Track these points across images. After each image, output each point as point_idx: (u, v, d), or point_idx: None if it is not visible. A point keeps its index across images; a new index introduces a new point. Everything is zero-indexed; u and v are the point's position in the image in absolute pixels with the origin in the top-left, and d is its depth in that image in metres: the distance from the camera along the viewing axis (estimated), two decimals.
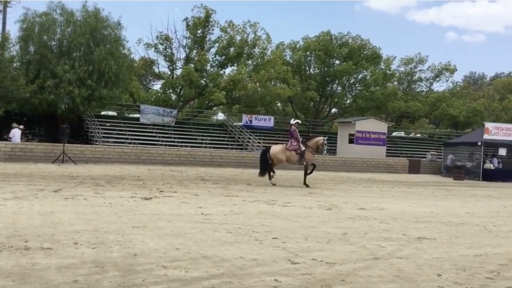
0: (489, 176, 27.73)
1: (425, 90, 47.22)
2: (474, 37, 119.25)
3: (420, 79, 46.88)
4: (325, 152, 16.95)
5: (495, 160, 29.09)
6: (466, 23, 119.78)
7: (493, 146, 29.33)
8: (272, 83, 37.25)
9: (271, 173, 16.56)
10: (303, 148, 16.47)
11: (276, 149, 16.78)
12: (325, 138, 17.66)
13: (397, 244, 6.76)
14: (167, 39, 34.52)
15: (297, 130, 16.90)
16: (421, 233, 7.77)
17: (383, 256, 5.95)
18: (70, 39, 26.61)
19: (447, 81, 47.52)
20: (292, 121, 17.66)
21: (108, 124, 30.53)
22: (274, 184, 16.11)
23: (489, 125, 29.54)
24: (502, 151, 28.95)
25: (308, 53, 40.62)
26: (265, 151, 16.81)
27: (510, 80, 51.32)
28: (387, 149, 34.90)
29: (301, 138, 17.00)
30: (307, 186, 16.14)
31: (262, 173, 16.57)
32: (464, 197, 15.63)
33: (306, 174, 16.67)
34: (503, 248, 6.85)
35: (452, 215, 10.30)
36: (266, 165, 16.52)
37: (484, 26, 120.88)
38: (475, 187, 21.87)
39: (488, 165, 28.59)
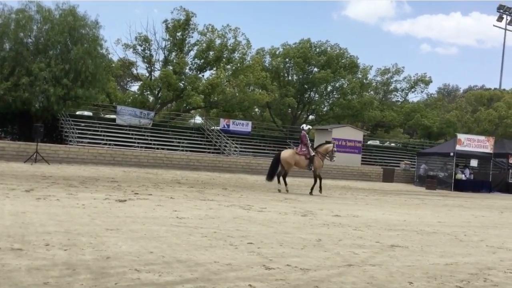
0: (461, 186, 28.29)
1: (400, 100, 48.00)
2: (447, 49, 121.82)
3: (396, 89, 47.64)
4: (334, 159, 17.10)
5: (467, 171, 29.70)
6: (439, 35, 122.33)
7: (465, 157, 29.95)
8: (250, 88, 37.33)
9: (285, 187, 16.45)
10: (313, 153, 16.56)
11: (286, 153, 16.96)
12: (335, 145, 17.79)
13: (370, 251, 6.83)
14: (146, 40, 34.32)
15: (307, 136, 17.06)
16: (394, 241, 7.88)
17: (357, 263, 6.00)
18: (47, 37, 26.20)
19: (422, 92, 48.43)
20: (304, 127, 17.87)
21: (83, 124, 30.11)
22: (279, 190, 16.15)
23: (461, 136, 30.17)
24: (474, 162, 29.58)
25: (287, 59, 40.87)
26: (277, 157, 16.84)
27: (482, 93, 52.46)
28: (362, 157, 35.29)
29: (310, 144, 17.13)
30: (311, 193, 16.27)
31: (269, 178, 16.63)
32: (436, 207, 15.90)
33: (320, 180, 16.64)
34: (473, 257, 6.98)
35: (424, 224, 10.47)
36: (275, 170, 16.57)
37: (457, 39, 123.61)
38: (447, 196, 22.27)
39: (460, 176, 29.17)
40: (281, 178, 16.60)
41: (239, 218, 9.15)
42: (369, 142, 44.05)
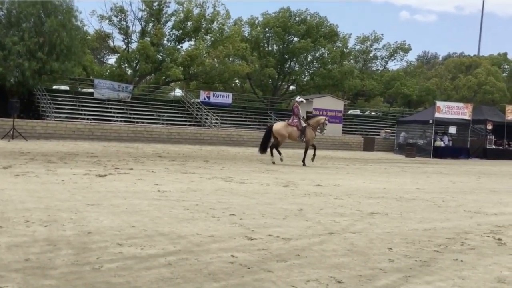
0: (440, 153, 28.76)
1: (380, 68, 48.10)
2: (426, 17, 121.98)
3: (376, 58, 47.65)
4: (324, 132, 17.27)
5: (446, 138, 30.15)
6: (418, 2, 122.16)
7: (443, 124, 30.35)
8: (230, 59, 36.96)
9: (280, 156, 16.58)
10: (304, 125, 16.66)
11: (278, 125, 17.00)
12: (327, 118, 17.94)
13: (350, 219, 6.93)
14: (121, 11, 33.54)
15: (299, 108, 17.07)
16: (374, 208, 8.00)
17: (337, 231, 6.09)
18: (20, 9, 25.39)
19: (401, 60, 48.54)
20: (297, 99, 17.97)
21: (60, 99, 29.57)
22: (274, 163, 16.26)
23: (440, 103, 30.49)
24: (452, 129, 30.03)
25: (267, 29, 40.44)
26: (269, 130, 16.93)
27: (462, 60, 52.85)
28: (343, 127, 35.52)
29: (302, 115, 17.26)
30: (304, 164, 16.40)
31: (262, 150, 16.69)
32: (415, 174, 16.16)
33: (306, 152, 16.84)
34: (451, 222, 7.14)
35: (404, 191, 10.64)
36: (267, 143, 16.66)
37: (436, 6, 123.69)
38: (426, 164, 22.64)
39: (439, 143, 29.62)
40: (274, 150, 16.69)
41: (221, 190, 9.18)
42: (349, 112, 44.28)
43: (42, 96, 28.18)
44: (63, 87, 34.29)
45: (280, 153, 16.64)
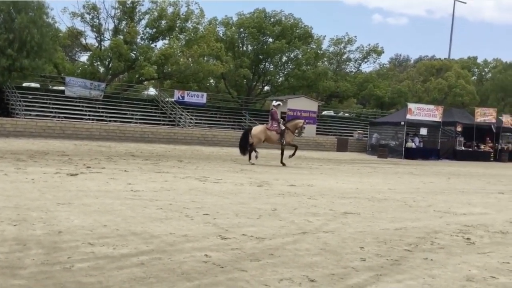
0: (411, 154, 29.25)
1: (353, 70, 48.63)
2: (398, 20, 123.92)
3: (349, 60, 48.16)
4: (302, 134, 17.75)
5: (417, 139, 30.68)
6: (390, 5, 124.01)
7: (415, 125, 30.88)
8: (205, 59, 36.80)
9: (255, 153, 16.89)
10: (283, 128, 16.98)
11: (257, 129, 17.27)
12: (305, 122, 18.36)
13: (324, 219, 6.99)
14: (94, 8, 33.03)
15: (278, 112, 17.49)
16: (347, 208, 8.09)
17: (311, 230, 6.14)
18: None
19: (374, 62, 49.15)
20: (274, 103, 18.20)
21: (30, 97, 28.92)
22: (253, 164, 16.39)
23: (411, 105, 31.01)
24: (423, 131, 30.58)
25: (241, 29, 40.43)
26: (247, 132, 17.22)
27: (432, 63, 53.88)
28: (317, 128, 35.76)
29: (281, 120, 17.64)
30: (283, 164, 16.67)
31: (242, 152, 16.97)
32: (387, 174, 16.40)
33: (282, 153, 17.16)
34: (422, 222, 7.28)
35: (376, 191, 10.79)
36: (246, 145, 16.87)
37: (407, 9, 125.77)
38: (398, 164, 22.99)
39: (410, 144, 30.11)
40: (253, 153, 16.92)
41: (194, 190, 9.14)
42: (323, 113, 44.63)
43: (12, 93, 27.54)
44: (33, 85, 33.60)
45: (250, 157, 16.86)
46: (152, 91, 40.75)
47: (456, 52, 77.69)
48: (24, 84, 32.00)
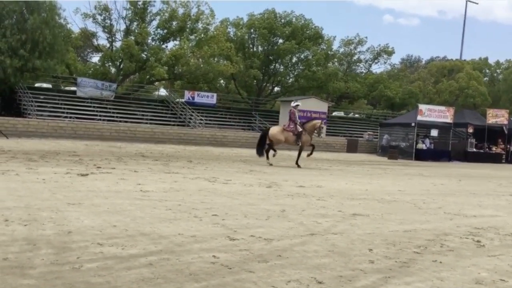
0: (421, 155, 29.07)
1: (364, 71, 48.41)
2: (410, 20, 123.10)
3: (360, 61, 47.94)
4: (322, 135, 17.58)
5: (427, 141, 30.50)
6: (402, 6, 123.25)
7: (425, 127, 30.70)
8: (215, 59, 36.88)
9: (274, 152, 16.96)
10: (300, 130, 16.90)
11: (275, 130, 17.37)
12: (323, 121, 18.16)
13: (332, 220, 6.98)
14: (106, 9, 33.24)
15: (296, 113, 17.32)
16: (356, 209, 8.06)
17: (319, 232, 6.13)
18: (2, 6, 25.03)
19: (385, 63, 48.84)
20: (293, 103, 18.11)
21: (42, 97, 29.17)
22: (271, 164, 16.40)
23: (422, 107, 30.83)
24: (434, 132, 30.39)
25: (252, 30, 40.45)
26: (265, 133, 17.32)
27: (444, 64, 53.47)
28: (327, 129, 35.62)
29: (299, 121, 17.48)
30: (298, 166, 16.55)
31: (260, 153, 17.00)
32: (397, 176, 16.32)
33: (299, 155, 17.08)
34: (431, 224, 7.23)
35: (385, 193, 10.74)
36: (263, 146, 16.96)
37: (419, 10, 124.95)
38: (408, 166, 22.86)
39: (421, 145, 29.94)
40: (270, 151, 16.98)
41: (204, 191, 9.16)
42: (333, 114, 44.48)
43: (24, 93, 27.80)
44: (45, 85, 33.87)
45: (268, 158, 16.85)
46: (162, 92, 40.92)
47: (468, 53, 77.40)
48: (36, 85, 32.27)
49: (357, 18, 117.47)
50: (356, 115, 49.54)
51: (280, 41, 40.81)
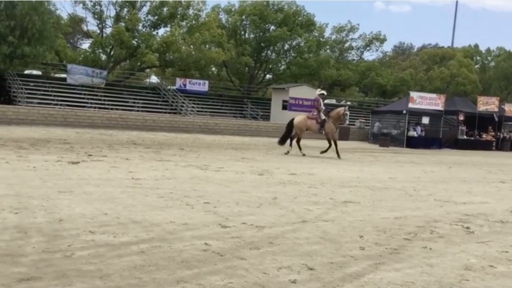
0: (413, 143, 29.20)
1: (356, 58, 48.36)
2: (401, 7, 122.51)
3: (351, 48, 47.86)
4: (346, 122, 17.56)
5: (419, 128, 30.62)
6: None
7: (417, 114, 30.77)
8: (206, 46, 36.64)
9: (300, 149, 16.81)
10: (323, 117, 16.69)
11: (298, 119, 17.26)
12: (346, 108, 17.63)
13: (324, 207, 7.02)
14: None
15: (320, 100, 17.05)
16: (347, 197, 8.11)
17: (311, 219, 6.16)
18: None
19: (377, 50, 48.82)
20: (318, 91, 18.02)
21: (32, 84, 28.86)
22: (287, 152, 16.42)
23: (414, 94, 30.89)
24: (425, 120, 30.49)
25: (243, 17, 40.19)
26: (291, 122, 17.23)
27: (435, 51, 53.55)
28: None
29: (323, 108, 17.16)
30: (338, 156, 16.33)
31: (282, 142, 17.09)
32: (388, 163, 16.41)
33: (336, 145, 16.77)
34: (421, 211, 7.30)
35: (376, 180, 10.80)
36: (288, 135, 17.00)
37: None
38: (399, 153, 22.98)
39: (412, 133, 30.06)
40: (293, 142, 16.98)
41: (195, 178, 9.16)
42: (325, 101, 44.32)
43: (14, 81, 27.50)
44: (35, 72, 33.53)
45: (300, 148, 16.88)
46: (154, 79, 40.66)
47: (459, 40, 77.38)
48: (26, 72, 31.94)
49: (348, 5, 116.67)
50: (348, 103, 49.55)
51: (272, 28, 40.60)
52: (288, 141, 17.14)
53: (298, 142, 17.11)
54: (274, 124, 31.22)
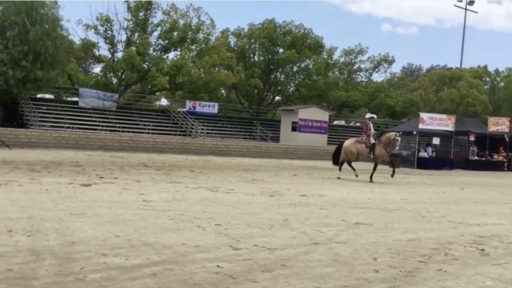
0: (423, 164, 28.99)
1: (364, 80, 48.58)
2: (408, 29, 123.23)
3: (360, 69, 48.14)
4: (397, 147, 17.52)
5: (429, 149, 30.44)
6: (399, 15, 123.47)
7: (427, 135, 30.66)
8: (216, 69, 37.03)
9: (354, 171, 16.85)
10: (373, 142, 16.66)
11: (347, 143, 17.45)
12: (398, 133, 17.50)
13: (336, 229, 6.96)
14: (107, 20, 33.48)
15: (369, 124, 17.16)
16: (359, 218, 8.04)
17: (322, 241, 6.11)
18: (4, 18, 25.22)
19: (385, 72, 49.08)
20: (367, 116, 18.23)
21: (44, 108, 29.29)
22: (338, 178, 16.43)
23: (424, 115, 30.81)
24: (436, 140, 30.34)
25: (252, 40, 40.64)
26: (340, 146, 17.64)
27: (444, 72, 53.59)
28: (328, 137, 35.67)
29: (374, 132, 17.29)
30: (371, 181, 16.17)
31: (335, 163, 17.58)
32: (400, 184, 16.27)
33: (374, 169, 16.72)
34: (435, 233, 7.20)
35: (388, 202, 10.71)
36: (338, 157, 17.39)
37: (416, 18, 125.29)
38: (410, 174, 22.80)
39: (423, 154, 29.88)
40: (344, 165, 17.12)
41: (206, 200, 9.15)
42: (335, 122, 44.52)
43: (26, 104, 27.90)
44: (47, 96, 34.01)
45: (354, 169, 16.88)
46: (164, 102, 41.03)
47: (467, 61, 77.44)
48: (38, 95, 32.41)
49: (355, 28, 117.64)
50: (357, 124, 49.55)
51: (281, 50, 40.99)
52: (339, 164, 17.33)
53: (349, 164, 17.11)
54: (284, 146, 31.26)
